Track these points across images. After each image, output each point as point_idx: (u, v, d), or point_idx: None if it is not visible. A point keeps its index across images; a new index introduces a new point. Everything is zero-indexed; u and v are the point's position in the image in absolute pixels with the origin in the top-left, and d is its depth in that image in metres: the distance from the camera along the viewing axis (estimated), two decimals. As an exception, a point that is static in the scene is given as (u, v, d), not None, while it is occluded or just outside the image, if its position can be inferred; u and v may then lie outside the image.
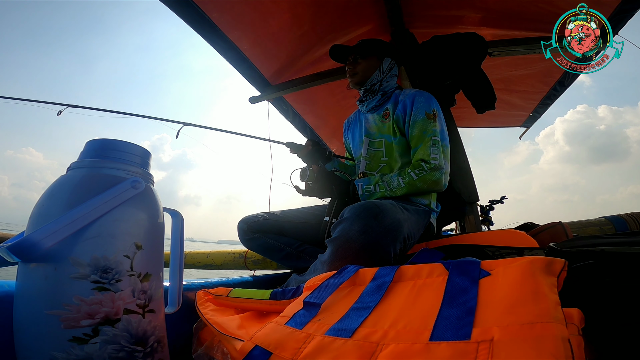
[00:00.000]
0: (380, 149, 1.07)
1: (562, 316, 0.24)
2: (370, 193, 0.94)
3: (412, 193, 0.93)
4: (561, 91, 2.04)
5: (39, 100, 1.57)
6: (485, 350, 0.24)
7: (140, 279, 0.41)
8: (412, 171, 0.92)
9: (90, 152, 0.44)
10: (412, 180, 0.91)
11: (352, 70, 1.13)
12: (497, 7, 1.49)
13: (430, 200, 1.00)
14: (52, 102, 1.52)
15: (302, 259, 1.08)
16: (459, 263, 0.34)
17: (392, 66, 1.12)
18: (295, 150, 1.18)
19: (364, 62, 1.12)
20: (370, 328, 0.32)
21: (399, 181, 0.93)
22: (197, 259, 1.73)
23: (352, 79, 1.14)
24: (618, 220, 1.26)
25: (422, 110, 0.99)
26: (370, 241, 0.68)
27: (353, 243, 0.68)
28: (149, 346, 0.41)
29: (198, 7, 1.28)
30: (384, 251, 0.69)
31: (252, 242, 1.11)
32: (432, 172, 0.91)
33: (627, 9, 1.33)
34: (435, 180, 0.92)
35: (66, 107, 1.49)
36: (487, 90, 1.47)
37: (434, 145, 0.95)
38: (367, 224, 0.69)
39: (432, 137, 0.95)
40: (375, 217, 0.70)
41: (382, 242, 0.69)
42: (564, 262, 0.29)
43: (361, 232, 0.68)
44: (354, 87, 1.16)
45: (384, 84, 1.11)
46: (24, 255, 0.35)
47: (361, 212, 0.70)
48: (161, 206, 0.48)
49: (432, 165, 0.92)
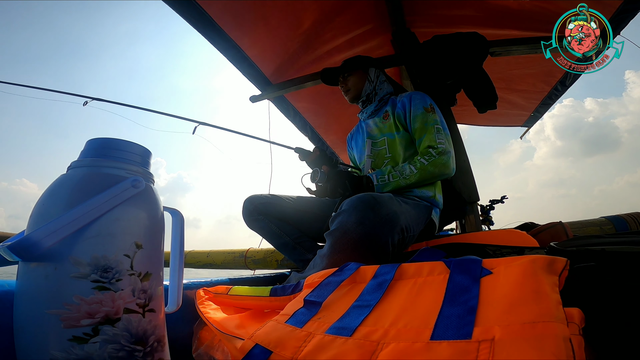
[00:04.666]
0: (383, 147, 1.12)
1: (563, 315, 0.24)
2: (385, 183, 0.96)
3: (424, 179, 0.96)
4: (562, 91, 2.03)
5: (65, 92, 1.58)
6: (487, 349, 0.24)
7: (140, 278, 0.41)
8: (422, 157, 0.97)
9: (90, 151, 0.44)
10: (424, 165, 0.95)
11: (345, 87, 1.23)
12: (498, 7, 1.49)
13: (434, 192, 1.01)
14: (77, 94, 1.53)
15: (298, 251, 1.12)
16: (460, 261, 0.34)
17: (378, 74, 1.21)
18: (304, 157, 1.22)
19: (353, 77, 1.21)
20: (370, 327, 0.32)
21: (411, 168, 0.96)
22: (197, 258, 1.73)
23: (347, 95, 1.24)
24: (618, 220, 1.26)
25: (420, 105, 1.06)
26: (367, 232, 0.69)
27: (350, 234, 0.69)
28: (149, 345, 0.41)
29: (199, 5, 1.28)
30: (381, 242, 0.70)
31: (254, 223, 1.15)
32: (441, 156, 0.96)
33: (629, 8, 1.32)
34: (444, 163, 0.96)
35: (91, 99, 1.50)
36: (488, 89, 1.47)
37: (438, 132, 1.00)
38: (364, 215, 0.70)
39: (435, 126, 1.02)
40: (372, 208, 0.71)
41: (379, 232, 0.70)
42: (565, 261, 0.29)
43: (358, 223, 0.69)
44: (352, 102, 1.24)
45: (377, 91, 1.19)
46: (24, 255, 0.35)
47: (358, 204, 0.71)
48: (161, 205, 0.48)
49: (440, 149, 0.97)
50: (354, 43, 1.72)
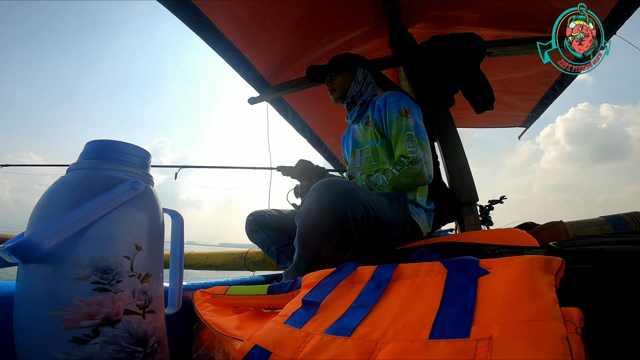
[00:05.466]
0: (368, 154, 1.12)
1: (560, 314, 0.24)
2: None
3: (398, 189, 0.96)
4: (560, 91, 2.04)
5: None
6: (484, 348, 0.24)
7: (140, 279, 0.41)
8: (394, 167, 0.96)
9: (90, 153, 0.44)
10: (395, 176, 0.94)
11: (331, 87, 1.20)
12: (495, 8, 1.50)
13: (415, 196, 1.00)
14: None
15: (282, 259, 1.15)
16: (458, 261, 0.34)
17: (366, 75, 1.18)
18: (287, 173, 1.23)
19: (340, 77, 1.18)
20: (369, 327, 0.32)
21: (384, 179, 0.96)
22: (197, 259, 1.73)
23: (333, 95, 1.21)
24: (618, 219, 1.26)
25: (394, 109, 1.03)
26: (325, 206, 0.73)
27: (311, 212, 0.73)
28: (149, 347, 0.41)
29: (196, 7, 1.28)
30: (340, 215, 0.73)
31: (252, 234, 1.21)
32: (413, 166, 0.94)
33: (624, 9, 1.34)
34: (416, 172, 0.94)
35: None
36: (485, 90, 1.47)
37: (409, 140, 0.98)
38: (320, 193, 0.75)
39: (407, 132, 0.99)
40: (328, 186, 0.75)
41: (336, 205, 0.73)
42: (561, 261, 0.29)
43: (316, 200, 0.74)
44: (337, 102, 1.22)
45: (363, 93, 1.17)
46: (24, 256, 0.36)
47: (316, 186, 0.76)
48: (161, 207, 0.48)
49: (411, 159, 0.95)
50: (352, 44, 1.73)
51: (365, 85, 1.17)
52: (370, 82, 1.19)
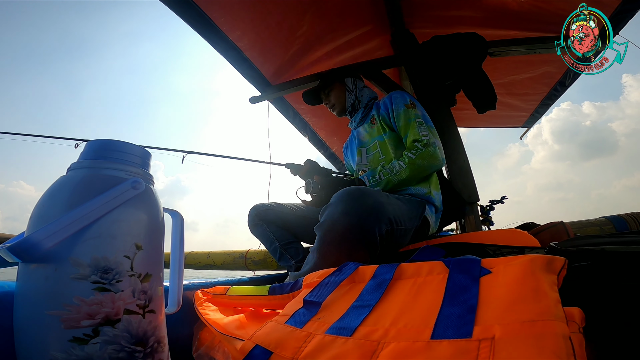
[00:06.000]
0: (376, 150, 1.13)
1: (562, 314, 0.24)
2: (377, 182, 0.98)
3: (415, 172, 0.97)
4: (562, 91, 2.04)
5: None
6: (487, 348, 0.23)
7: (140, 279, 0.41)
8: (409, 152, 0.98)
9: (90, 153, 0.44)
10: (412, 159, 0.96)
11: (330, 103, 1.27)
12: (496, 8, 1.49)
13: (429, 189, 1.01)
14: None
15: (285, 257, 1.14)
16: (460, 261, 0.34)
17: (355, 81, 1.24)
18: (296, 171, 1.23)
19: (333, 92, 1.25)
20: (370, 326, 0.32)
21: (400, 164, 0.97)
22: (197, 259, 1.73)
23: (334, 110, 1.27)
24: (618, 220, 1.26)
25: (400, 103, 1.08)
26: (353, 222, 0.70)
27: (337, 225, 0.71)
28: (149, 346, 0.41)
29: (198, 6, 1.28)
30: (367, 231, 0.71)
31: (255, 228, 1.19)
32: (427, 148, 0.97)
33: (627, 8, 1.32)
34: (431, 154, 0.97)
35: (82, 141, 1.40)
36: (487, 90, 1.47)
37: (420, 126, 1.02)
38: (349, 206, 0.71)
39: (417, 120, 1.04)
40: (357, 199, 0.73)
41: (364, 222, 0.71)
42: (564, 261, 0.29)
43: (344, 213, 0.71)
44: (341, 115, 1.27)
45: (360, 98, 1.21)
46: (24, 256, 0.35)
47: (344, 195, 0.73)
48: (161, 206, 0.48)
49: (424, 142, 0.98)
50: (354, 44, 1.73)
51: (359, 90, 1.22)
52: (363, 86, 1.24)
